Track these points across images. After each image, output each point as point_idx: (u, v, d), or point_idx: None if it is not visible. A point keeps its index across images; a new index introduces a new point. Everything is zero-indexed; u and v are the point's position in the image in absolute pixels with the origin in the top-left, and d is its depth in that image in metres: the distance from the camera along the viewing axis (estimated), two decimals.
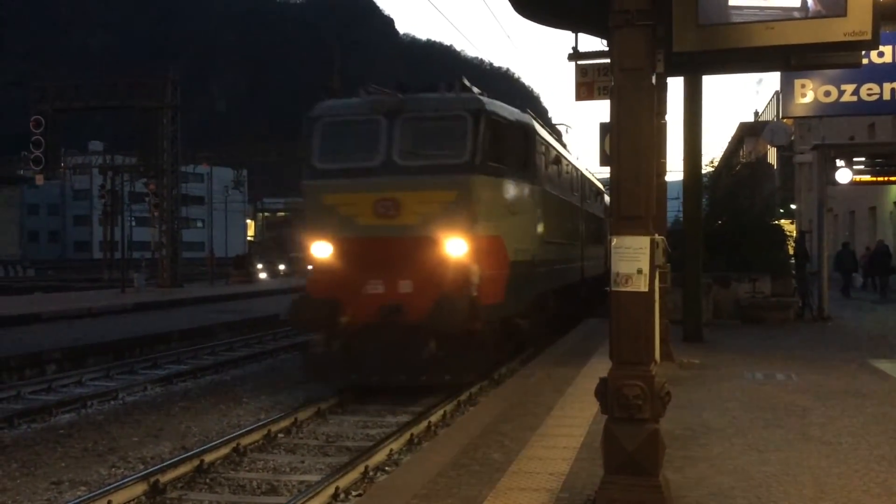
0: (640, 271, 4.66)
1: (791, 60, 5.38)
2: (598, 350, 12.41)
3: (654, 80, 4.97)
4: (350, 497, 6.57)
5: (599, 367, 10.52)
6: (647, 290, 4.66)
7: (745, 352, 12.42)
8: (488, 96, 11.73)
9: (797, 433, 7.09)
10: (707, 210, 19.39)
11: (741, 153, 51.41)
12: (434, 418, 9.21)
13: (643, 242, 4.68)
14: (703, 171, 18.15)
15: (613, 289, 4.74)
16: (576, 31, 11.82)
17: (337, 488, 6.56)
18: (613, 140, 4.88)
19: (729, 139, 54.78)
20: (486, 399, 10.01)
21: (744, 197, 24.07)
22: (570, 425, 7.37)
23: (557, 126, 20.41)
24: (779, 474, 5.81)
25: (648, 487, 4.58)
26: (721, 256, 18.05)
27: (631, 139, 4.75)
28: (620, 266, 4.70)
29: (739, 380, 9.89)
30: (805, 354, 12.15)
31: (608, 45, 10.15)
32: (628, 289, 4.69)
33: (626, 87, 4.78)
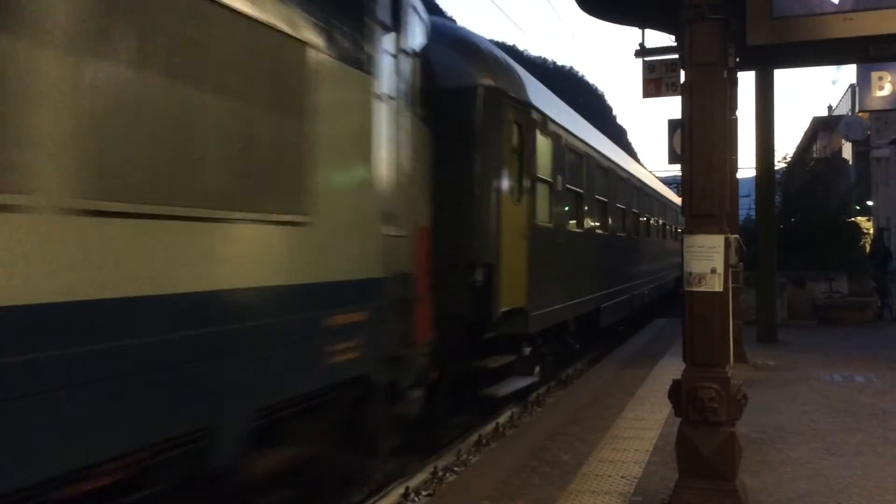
0: (713, 270, 4.57)
1: (870, 52, 5.19)
2: (667, 351, 12.24)
3: (726, 75, 4.86)
4: (420, 497, 6.59)
5: (670, 368, 10.37)
6: (721, 289, 4.56)
7: (821, 353, 12.07)
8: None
9: (878, 437, 6.85)
10: (780, 207, 18.91)
11: (814, 149, 50.00)
12: (502, 419, 9.17)
13: (717, 241, 4.58)
14: (776, 168, 17.73)
15: (686, 289, 4.65)
16: (643, 27, 11.66)
17: (407, 488, 6.58)
18: (685, 137, 4.79)
19: (801, 134, 53.35)
20: (554, 400, 9.96)
21: (818, 193, 23.35)
22: (641, 427, 7.26)
23: None
24: (860, 479, 5.62)
25: (725, 492, 4.48)
26: (795, 255, 17.58)
27: (703, 135, 4.66)
28: (693, 265, 4.61)
29: (816, 382, 9.61)
30: (885, 355, 11.74)
31: (676, 41, 9.99)
32: (702, 289, 4.59)
33: (699, 82, 4.69)
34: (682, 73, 4.94)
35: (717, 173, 4.64)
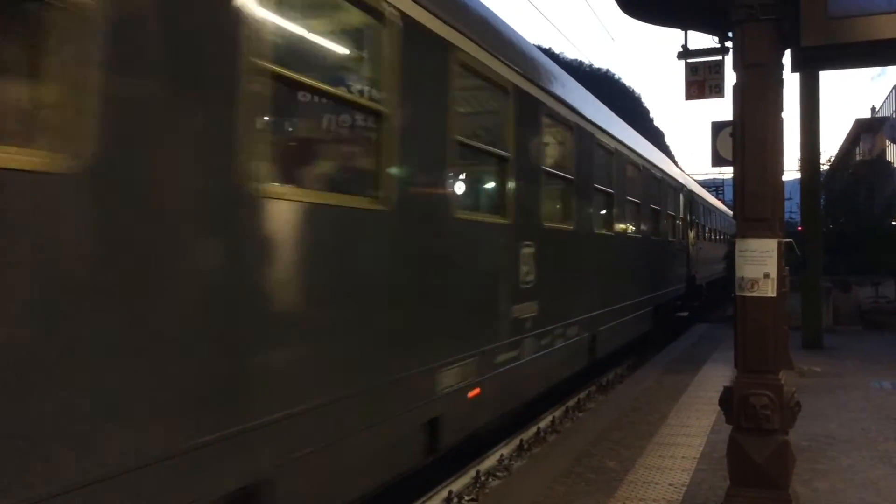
0: (767, 275, 4.48)
1: None
2: (710, 356, 12.08)
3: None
4: (463, 502, 6.56)
5: (713, 374, 10.24)
6: (774, 294, 4.48)
7: (868, 359, 11.82)
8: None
9: None
10: (823, 210, 18.61)
11: (857, 151, 49.09)
12: (543, 424, 9.10)
13: (770, 245, 4.50)
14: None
15: (738, 293, 4.57)
16: (686, 28, 11.50)
17: (450, 492, 6.55)
18: (736, 139, 4.71)
19: (840, 133, 52.41)
20: (596, 405, 9.86)
21: (862, 197, 22.92)
22: (687, 434, 7.16)
23: None
24: None
25: (778, 501, 4.38)
26: (840, 259, 17.27)
27: (755, 138, 4.57)
28: (746, 270, 4.53)
29: (865, 389, 9.42)
30: None
31: (720, 42, 9.85)
32: (754, 294, 4.51)
33: (751, 84, 4.61)
34: (733, 74, 4.86)
35: (770, 176, 4.55)
